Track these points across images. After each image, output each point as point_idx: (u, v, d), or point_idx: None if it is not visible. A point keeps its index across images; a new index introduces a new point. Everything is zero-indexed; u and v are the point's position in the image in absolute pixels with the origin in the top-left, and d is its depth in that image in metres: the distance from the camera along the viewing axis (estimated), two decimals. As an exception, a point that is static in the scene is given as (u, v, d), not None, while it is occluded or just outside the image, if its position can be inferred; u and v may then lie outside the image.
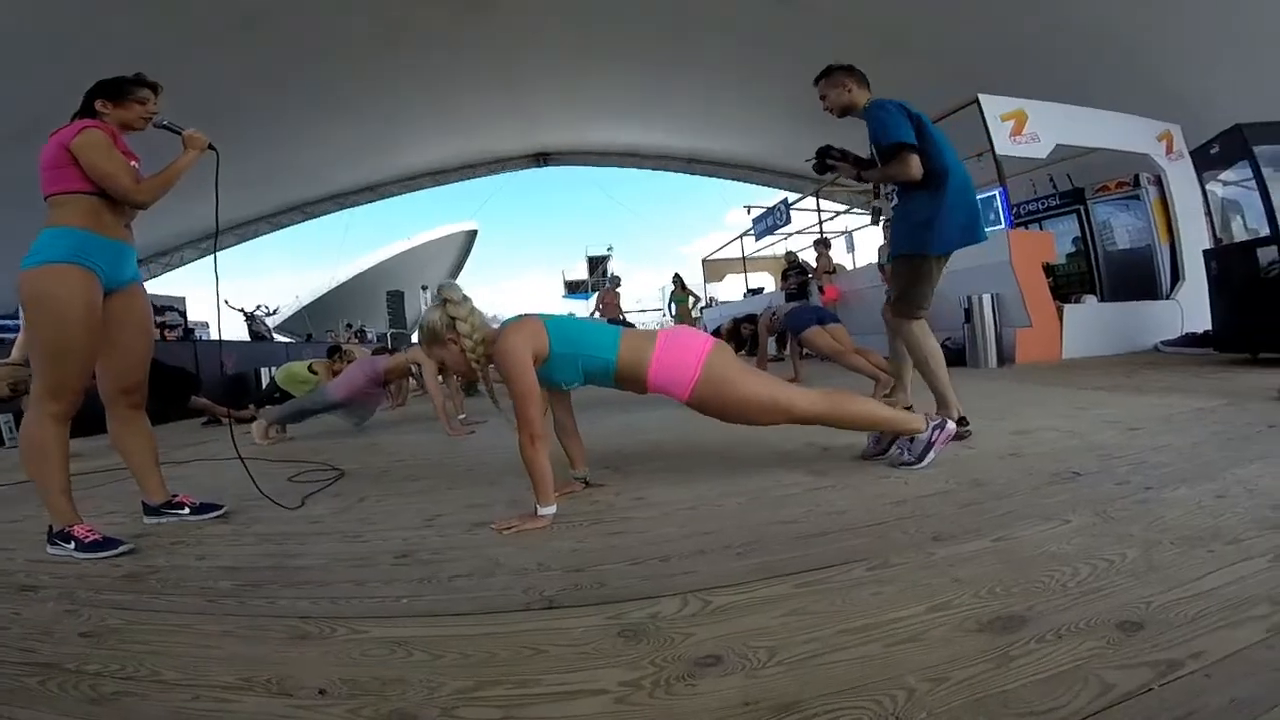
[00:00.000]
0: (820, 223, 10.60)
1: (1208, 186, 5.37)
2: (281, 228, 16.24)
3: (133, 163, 1.91)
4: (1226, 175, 5.17)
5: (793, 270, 9.80)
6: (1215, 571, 1.04)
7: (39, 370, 1.81)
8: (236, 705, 0.92)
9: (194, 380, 5.61)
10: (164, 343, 8.18)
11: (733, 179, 17.01)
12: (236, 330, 11.01)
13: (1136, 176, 7.46)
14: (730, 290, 15.85)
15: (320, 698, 0.92)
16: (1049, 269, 6.42)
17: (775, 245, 13.41)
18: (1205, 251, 5.02)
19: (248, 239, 16.02)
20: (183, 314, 8.72)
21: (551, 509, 1.71)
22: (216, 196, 2.07)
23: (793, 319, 4.96)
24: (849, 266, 10.36)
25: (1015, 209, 7.26)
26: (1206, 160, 5.16)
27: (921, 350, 2.53)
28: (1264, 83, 7.25)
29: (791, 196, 12.22)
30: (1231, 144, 4.74)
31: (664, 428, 3.38)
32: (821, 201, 10.64)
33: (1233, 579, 1.01)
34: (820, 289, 9.00)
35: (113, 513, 2.24)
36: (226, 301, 10.61)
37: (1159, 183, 7.17)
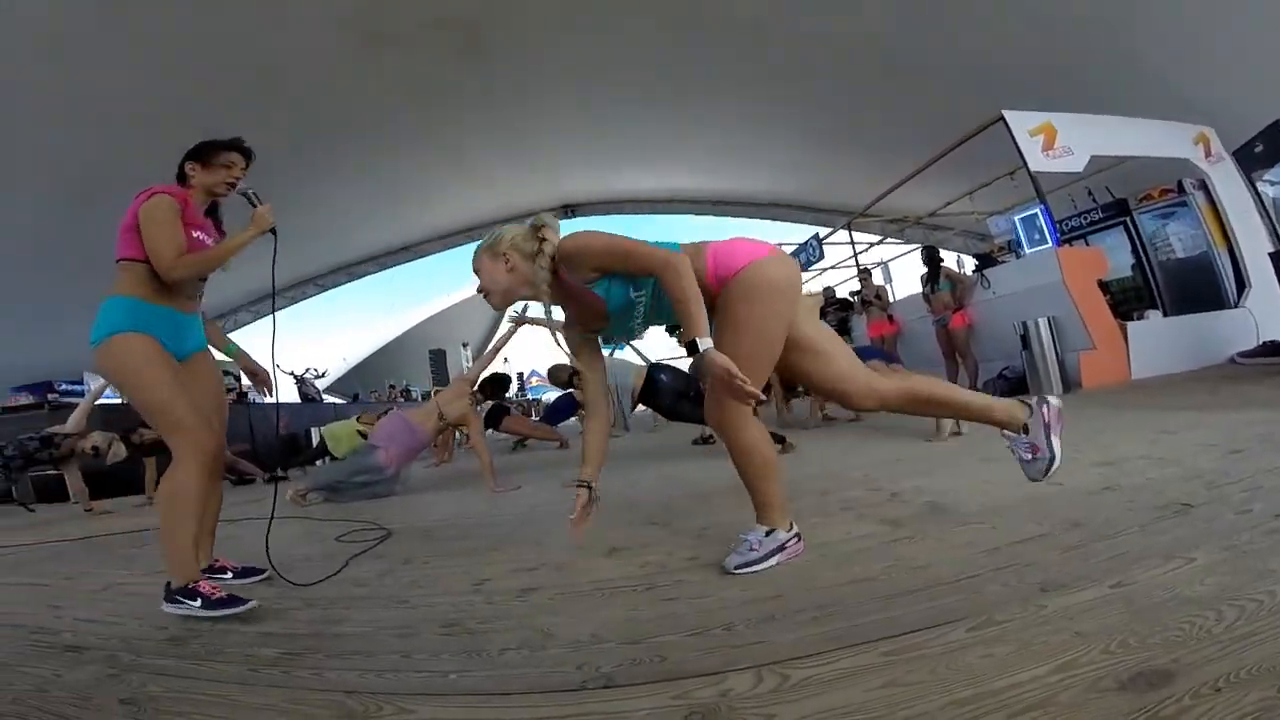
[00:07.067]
0: (855, 255, 10.43)
1: (1259, 186, 5.10)
2: (326, 289, 16.89)
3: (196, 232, 1.90)
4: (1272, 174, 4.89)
5: (831, 307, 9.54)
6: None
7: (163, 430, 1.81)
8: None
9: None
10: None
11: (761, 218, 17.01)
12: (287, 393, 11.36)
13: (1180, 182, 7.16)
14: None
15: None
16: (1104, 285, 6.12)
17: (809, 282, 13.25)
18: (1272, 254, 4.70)
19: (297, 300, 16.67)
20: (237, 378, 8.93)
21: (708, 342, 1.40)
22: (274, 279, 2.08)
23: None
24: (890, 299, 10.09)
25: (1058, 225, 7.00)
26: (1252, 159, 4.91)
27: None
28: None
29: (822, 231, 12.11)
30: (1276, 140, 4.50)
31: (710, 478, 3.22)
32: (855, 234, 10.49)
33: None
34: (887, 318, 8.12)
35: (161, 571, 2.20)
36: (278, 366, 10.88)
37: (1205, 186, 6.84)
